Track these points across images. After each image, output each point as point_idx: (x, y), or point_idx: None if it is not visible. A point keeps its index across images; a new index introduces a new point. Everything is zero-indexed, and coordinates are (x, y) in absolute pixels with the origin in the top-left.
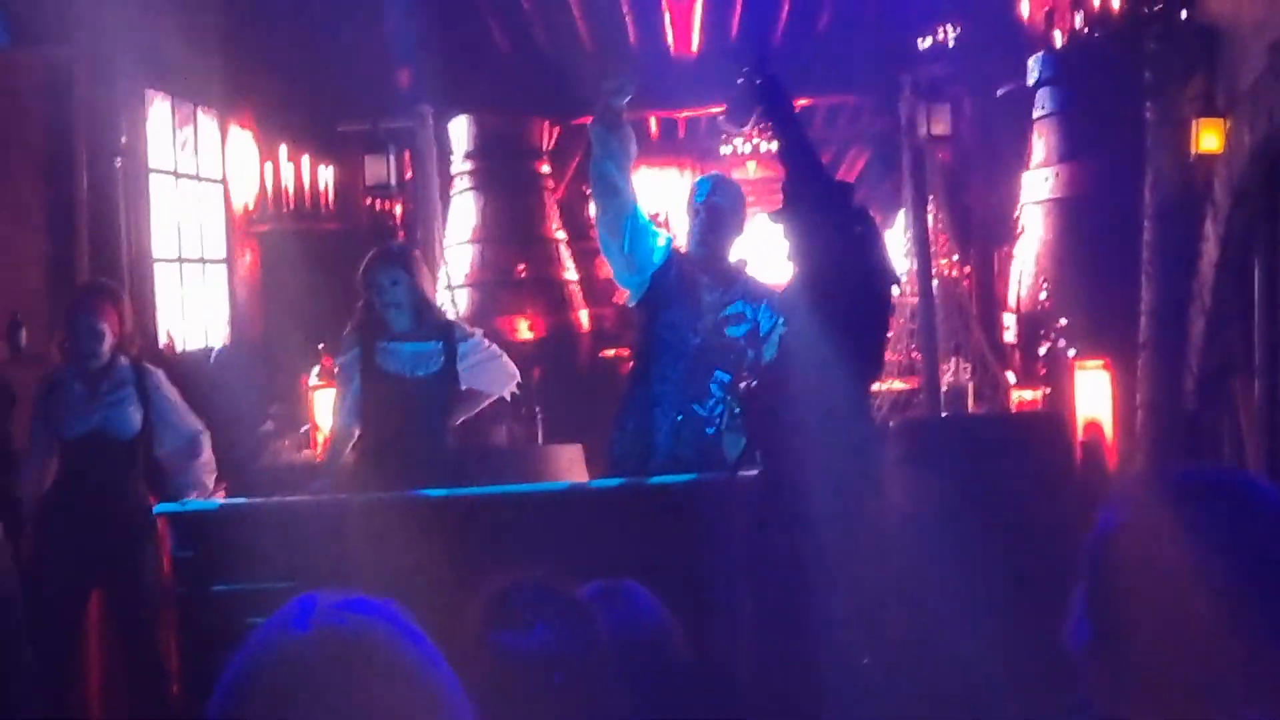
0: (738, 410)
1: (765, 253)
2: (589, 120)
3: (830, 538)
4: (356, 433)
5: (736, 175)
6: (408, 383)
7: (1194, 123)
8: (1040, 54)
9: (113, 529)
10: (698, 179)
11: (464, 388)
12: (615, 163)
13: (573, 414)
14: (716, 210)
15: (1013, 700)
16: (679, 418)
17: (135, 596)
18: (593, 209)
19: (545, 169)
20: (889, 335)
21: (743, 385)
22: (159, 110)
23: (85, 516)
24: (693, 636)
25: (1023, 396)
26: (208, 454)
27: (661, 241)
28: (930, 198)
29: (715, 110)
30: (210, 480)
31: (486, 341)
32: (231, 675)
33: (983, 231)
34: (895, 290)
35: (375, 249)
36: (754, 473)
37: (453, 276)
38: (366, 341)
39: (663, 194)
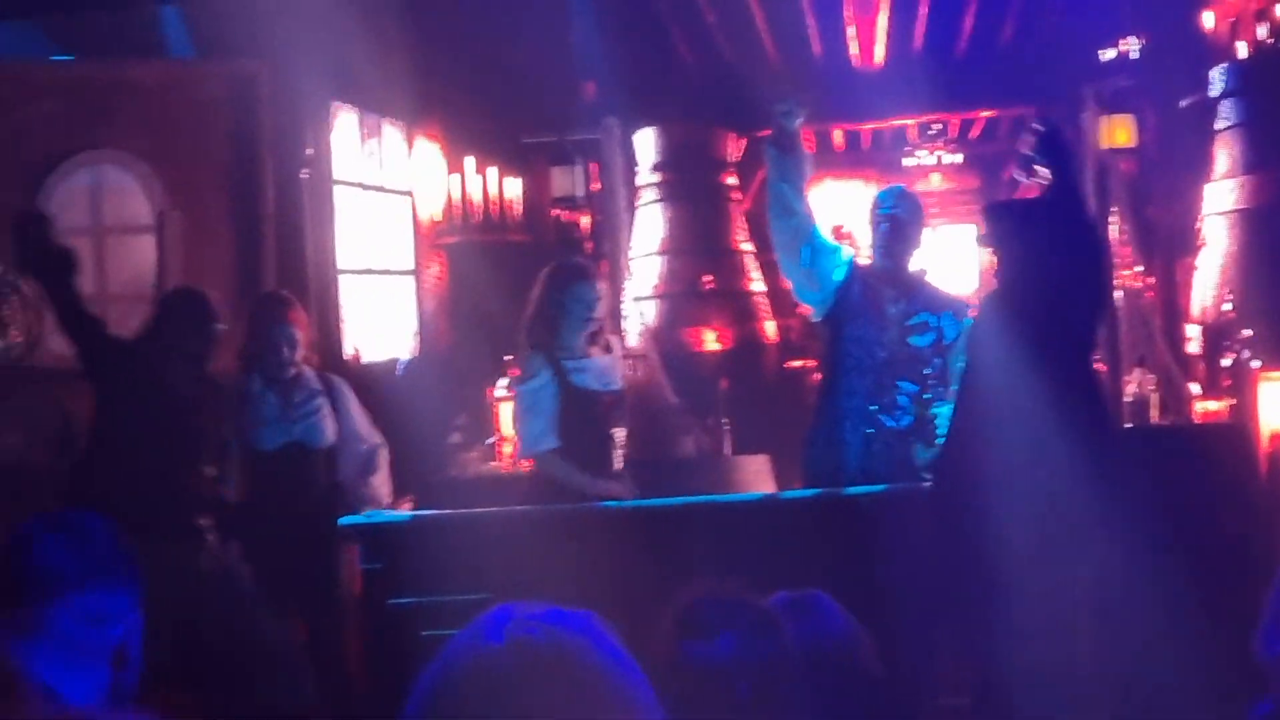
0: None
1: (946, 263)
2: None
3: (1018, 547)
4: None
5: (920, 187)
6: (603, 398)
7: None
8: (1224, 65)
9: (309, 541)
10: (879, 191)
11: None
12: (790, 184)
13: (759, 424)
14: (899, 222)
15: (1199, 709)
16: (869, 431)
17: (328, 609)
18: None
19: (731, 180)
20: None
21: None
22: (345, 122)
23: (283, 528)
24: (882, 648)
25: (1207, 408)
26: (385, 469)
27: (844, 256)
28: (1113, 210)
29: (900, 122)
30: (386, 496)
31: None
32: (424, 686)
33: (1166, 243)
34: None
35: (565, 263)
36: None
37: (639, 288)
38: (555, 362)
39: (847, 205)
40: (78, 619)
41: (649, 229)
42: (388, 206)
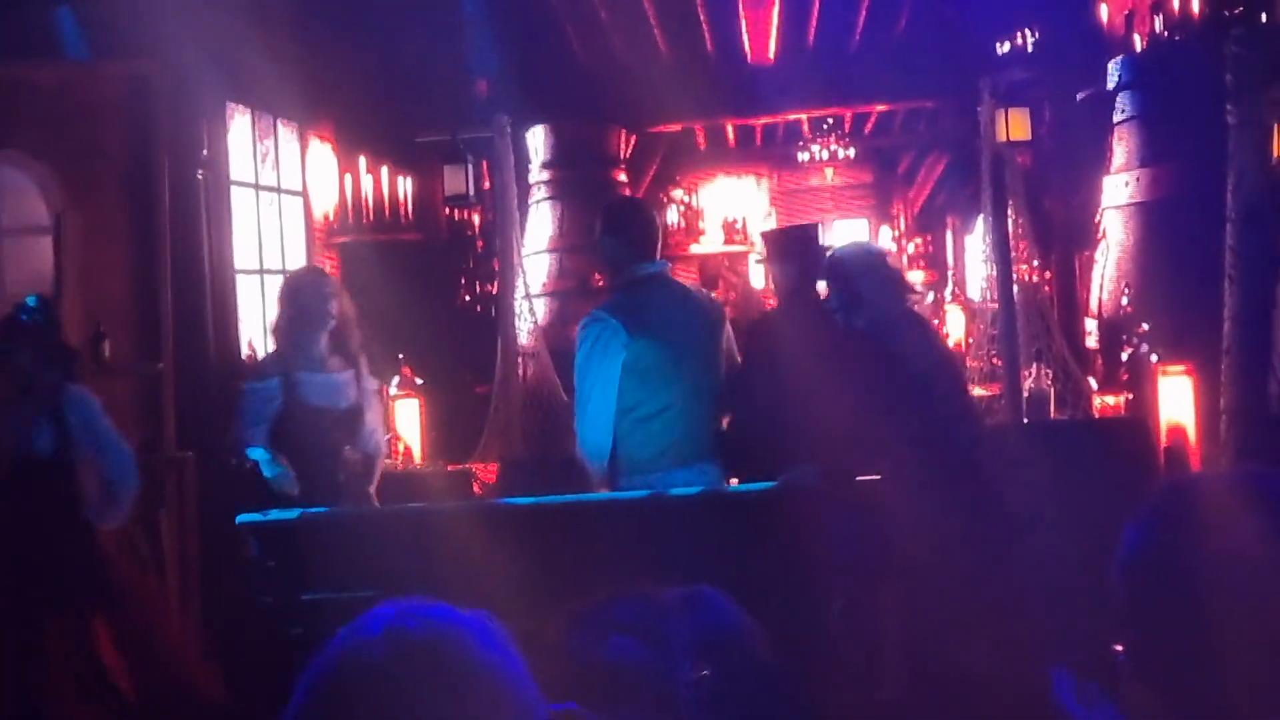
0: None
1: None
2: (665, 130)
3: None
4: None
5: (814, 182)
6: (325, 414)
7: (1276, 126)
8: (1120, 58)
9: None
10: None
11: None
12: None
13: None
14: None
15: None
16: None
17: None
18: None
19: (622, 177)
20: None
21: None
22: (239, 123)
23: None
24: (775, 640)
25: (1105, 402)
26: None
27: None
28: (1010, 203)
29: (793, 116)
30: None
31: (376, 383)
32: (307, 678)
33: (1063, 236)
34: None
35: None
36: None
37: (530, 285)
38: (286, 371)
39: (741, 201)
40: None
41: (540, 226)
42: (282, 206)
